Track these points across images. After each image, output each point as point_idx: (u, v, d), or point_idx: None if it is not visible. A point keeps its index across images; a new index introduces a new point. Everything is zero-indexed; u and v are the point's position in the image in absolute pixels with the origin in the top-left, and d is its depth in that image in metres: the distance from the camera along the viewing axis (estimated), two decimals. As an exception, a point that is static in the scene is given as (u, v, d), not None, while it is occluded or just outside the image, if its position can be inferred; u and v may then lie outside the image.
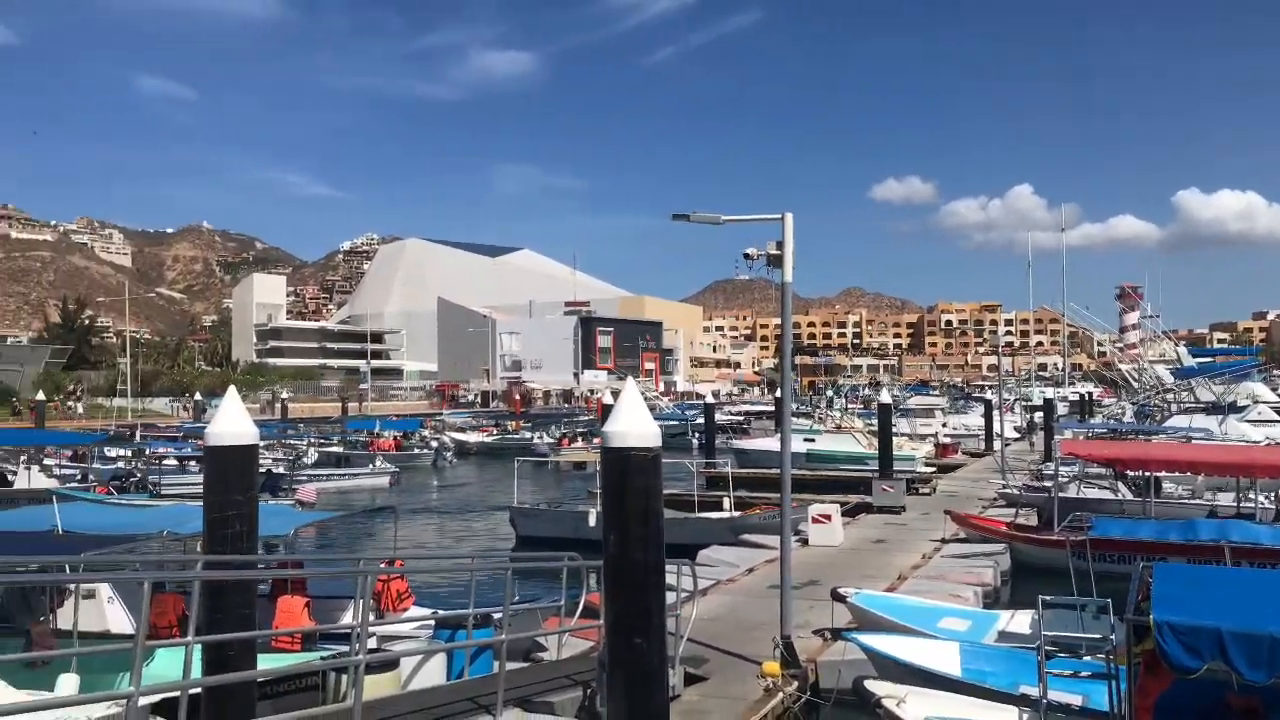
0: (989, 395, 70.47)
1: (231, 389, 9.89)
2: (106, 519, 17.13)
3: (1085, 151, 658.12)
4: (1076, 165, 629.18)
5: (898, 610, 14.45)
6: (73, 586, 13.09)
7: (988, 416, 55.95)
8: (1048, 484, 27.81)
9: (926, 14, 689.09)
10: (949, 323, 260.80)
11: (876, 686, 10.16)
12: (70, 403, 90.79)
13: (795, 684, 13.13)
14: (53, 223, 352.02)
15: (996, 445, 45.24)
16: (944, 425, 60.37)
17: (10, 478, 37.21)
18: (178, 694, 7.58)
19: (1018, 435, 58.80)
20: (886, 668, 11.62)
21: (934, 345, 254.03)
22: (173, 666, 9.06)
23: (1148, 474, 24.98)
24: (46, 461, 38.77)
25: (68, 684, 10.90)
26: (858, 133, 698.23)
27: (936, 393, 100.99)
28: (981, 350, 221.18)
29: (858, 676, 10.70)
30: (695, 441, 48.80)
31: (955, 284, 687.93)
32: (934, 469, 42.76)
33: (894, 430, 39.45)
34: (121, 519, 17.74)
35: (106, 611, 13.72)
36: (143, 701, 6.93)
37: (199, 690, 8.62)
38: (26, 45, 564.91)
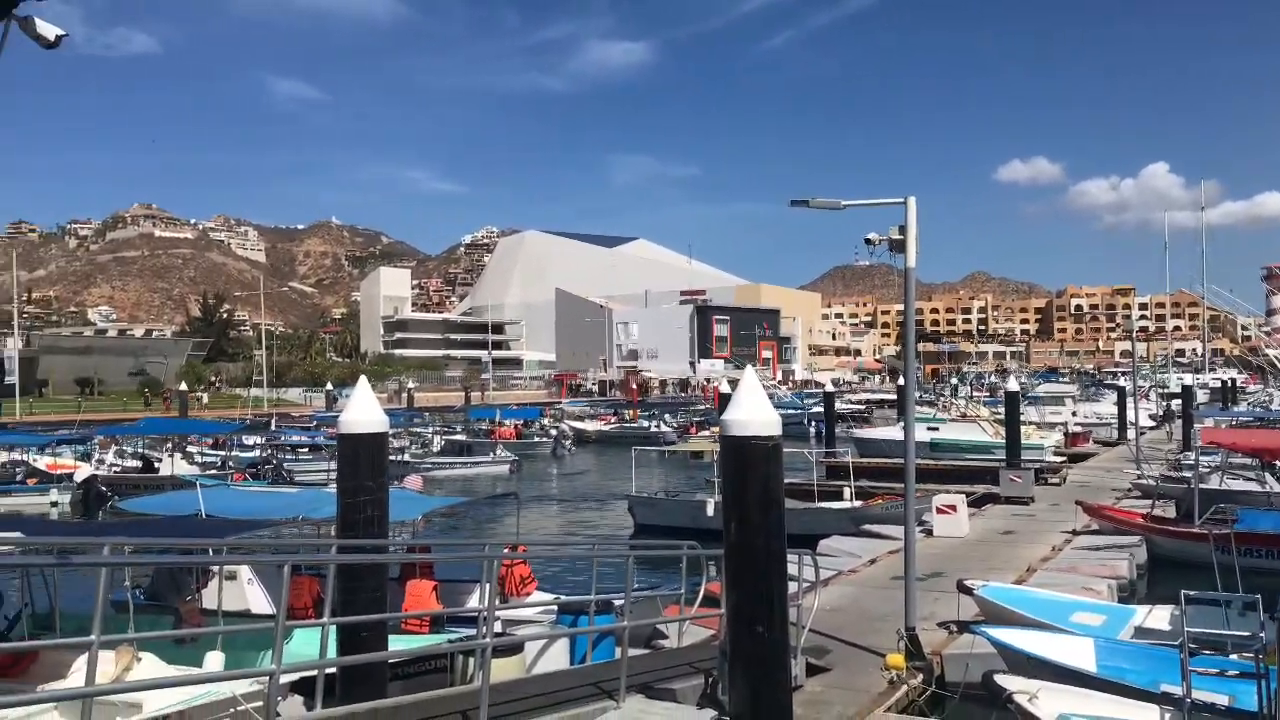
0: (1122, 382, 67.79)
1: (362, 379, 10.19)
2: (245, 504, 17.91)
3: (1226, 126, 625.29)
4: (1217, 141, 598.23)
5: (1028, 603, 14.03)
6: (216, 568, 13.73)
7: (1121, 404, 53.88)
8: (1187, 474, 26.62)
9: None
10: (1079, 307, 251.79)
11: (1008, 681, 9.87)
12: (199, 393, 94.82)
13: (920, 677, 12.89)
14: (192, 221, 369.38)
15: (1130, 434, 43.52)
16: (1074, 413, 58.30)
17: (157, 465, 39.22)
18: (315, 673, 7.88)
19: (1153, 424, 56.50)
20: (1017, 663, 11.28)
21: (1063, 331, 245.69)
22: (309, 645, 9.42)
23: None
24: (189, 449, 40.69)
25: (213, 660, 11.44)
26: (981, 113, 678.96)
27: (1066, 380, 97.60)
28: (1114, 335, 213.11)
29: (987, 671, 10.41)
30: (812, 430, 48.23)
31: (1085, 268, 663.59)
32: (1064, 458, 41.37)
33: (1021, 419, 38.28)
34: (259, 504, 18.53)
35: (247, 592, 14.34)
36: (283, 679, 7.20)
37: (334, 670, 8.96)
38: (168, 52, 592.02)
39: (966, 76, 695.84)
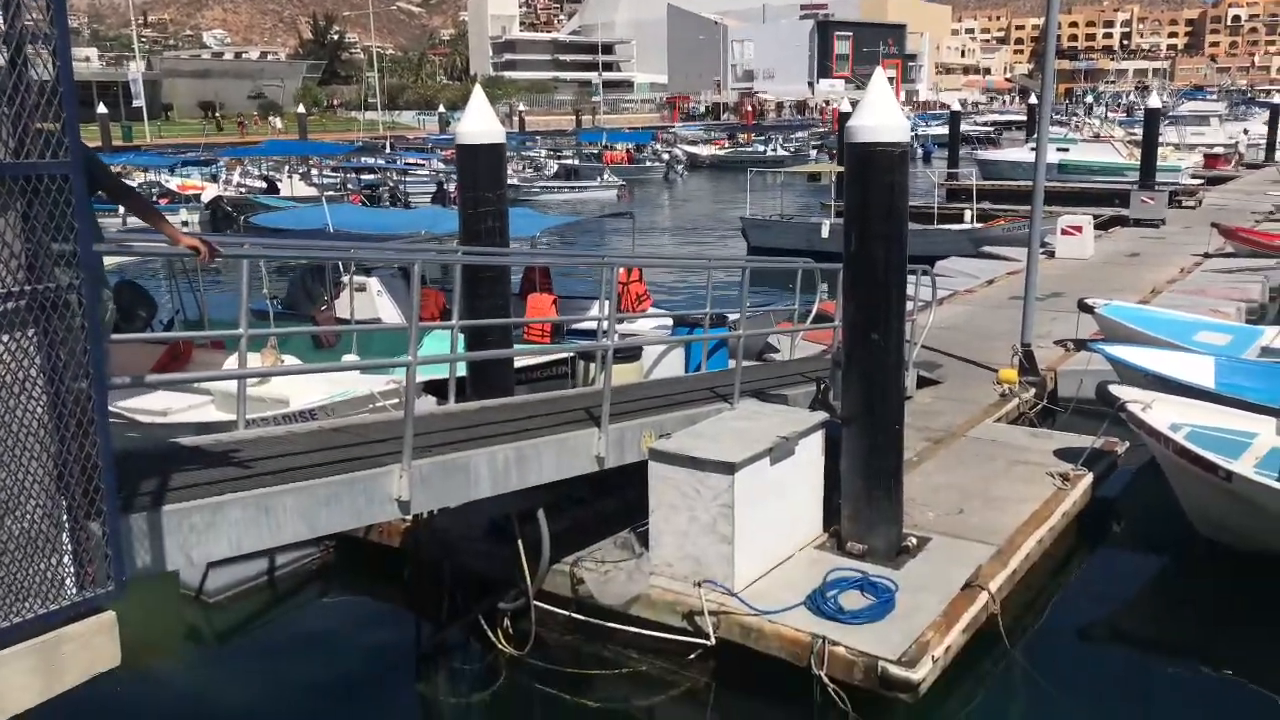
0: (1276, 99, 62.78)
1: (477, 89, 10.11)
2: (369, 220, 18.51)
3: None
4: None
5: (1149, 322, 13.80)
6: (346, 279, 14.39)
7: (1272, 123, 50.10)
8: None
9: None
10: (1236, 18, 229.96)
11: (1122, 391, 9.89)
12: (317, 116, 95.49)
13: (1032, 391, 13.00)
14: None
15: (1278, 155, 40.79)
16: (1222, 135, 54.54)
17: (278, 184, 40.38)
18: (445, 376, 8.35)
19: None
20: (1132, 378, 11.24)
21: (1215, 45, 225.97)
22: (439, 351, 9.93)
23: None
24: (309, 171, 41.66)
25: (350, 363, 12.24)
26: None
27: (1214, 97, 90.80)
28: (1273, 49, 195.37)
29: (1101, 382, 10.42)
30: (920, 152, 46.25)
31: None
32: (1202, 181, 39.26)
33: (1160, 139, 36.09)
34: (383, 220, 19.13)
35: (377, 303, 15.06)
36: (419, 377, 7.66)
37: (463, 374, 9.49)
38: None
39: None
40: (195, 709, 7.23)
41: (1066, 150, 41.28)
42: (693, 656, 7.25)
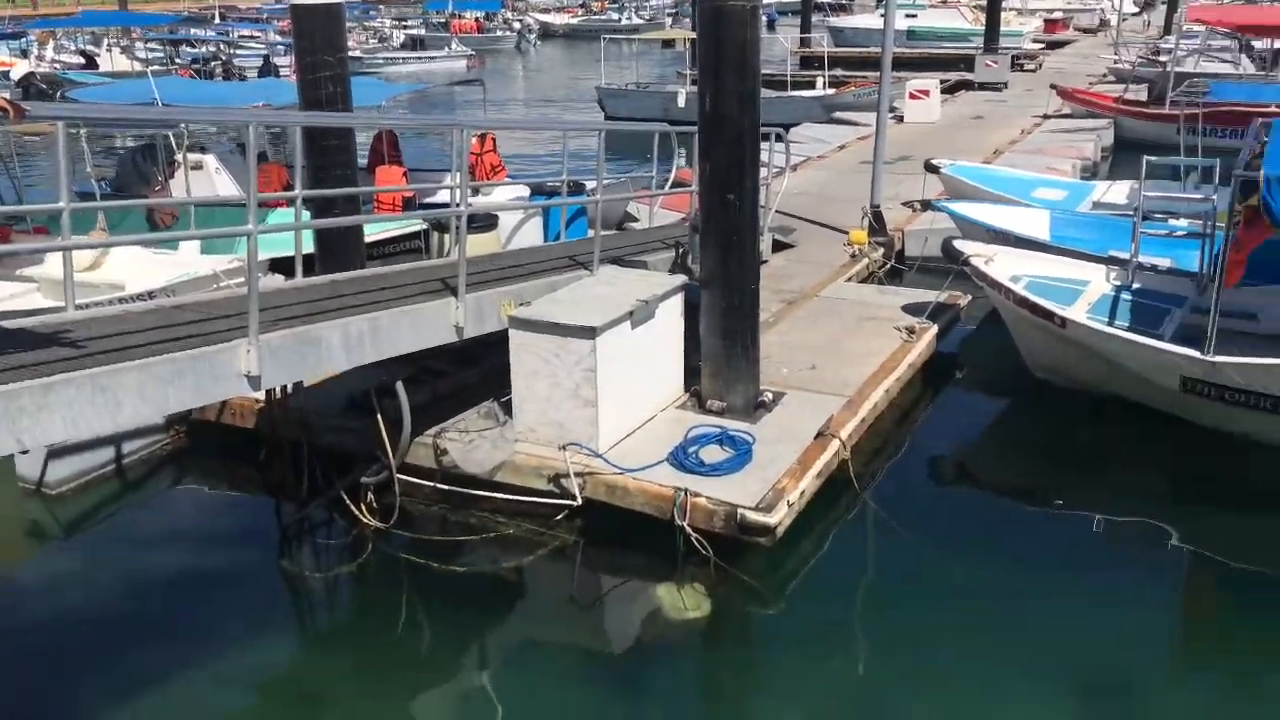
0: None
1: (312, -56, 9.46)
2: (202, 93, 17.38)
3: None
4: None
5: (991, 180, 14.27)
6: (181, 158, 13.58)
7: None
8: (1163, 59, 26.14)
9: None
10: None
11: (965, 246, 10.26)
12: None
13: (881, 251, 13.38)
14: None
15: (1113, 20, 42.18)
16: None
17: (97, 59, 37.50)
18: (291, 253, 8.01)
19: (1136, 10, 54.52)
20: (975, 234, 11.67)
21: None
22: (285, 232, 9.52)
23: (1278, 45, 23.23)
24: (131, 45, 38.74)
25: (189, 245, 11.65)
26: None
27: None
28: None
29: (946, 239, 10.79)
30: (764, 19, 46.01)
31: None
32: (1042, 45, 40.39)
33: (1004, 5, 36.78)
34: (217, 92, 18.01)
35: (215, 181, 14.30)
36: (262, 255, 7.33)
37: (311, 251, 9.14)
38: None
39: None
40: (45, 606, 6.97)
41: (915, 16, 41.75)
42: (560, 517, 7.37)
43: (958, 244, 10.40)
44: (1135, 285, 10.07)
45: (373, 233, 11.97)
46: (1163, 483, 8.61)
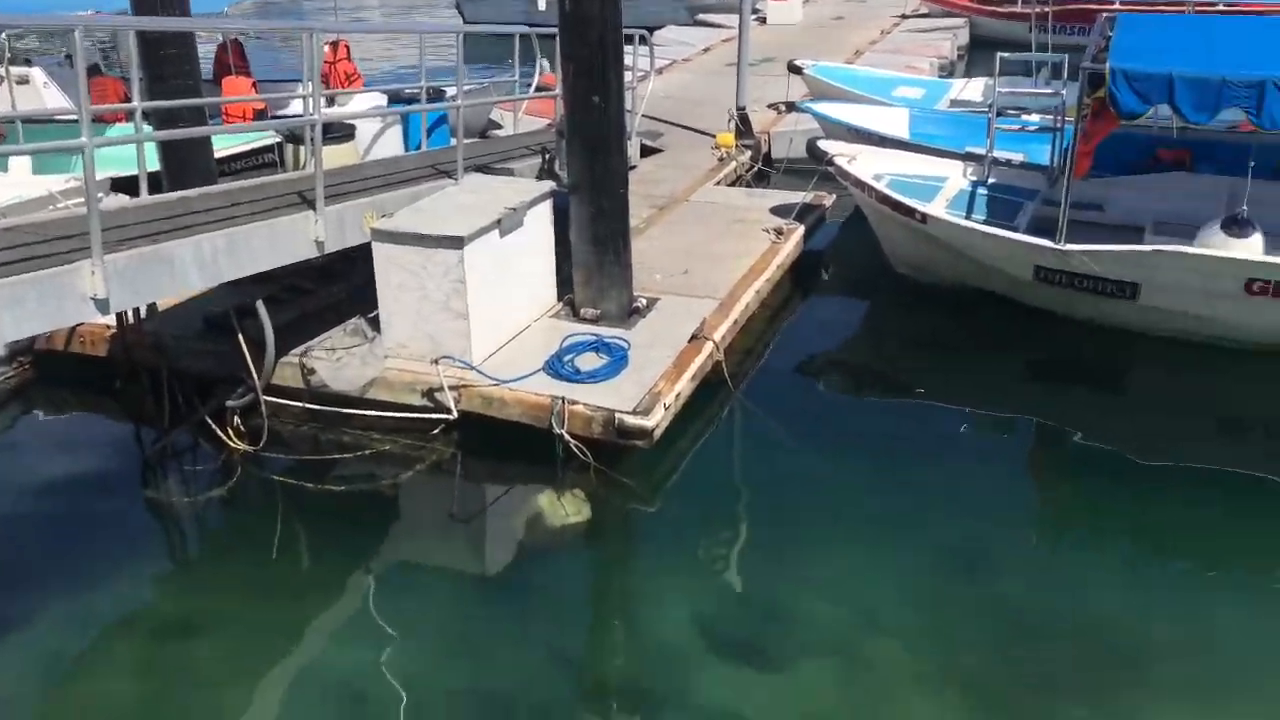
0: None
1: None
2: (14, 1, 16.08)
3: None
4: None
5: (852, 80, 14.43)
6: (4, 70, 12.59)
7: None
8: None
9: None
10: None
11: (829, 146, 10.38)
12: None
13: (748, 154, 13.44)
14: None
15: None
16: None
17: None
18: (135, 172, 7.55)
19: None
20: (838, 134, 11.82)
21: None
22: (126, 149, 8.96)
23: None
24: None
25: (19, 165, 10.90)
26: None
27: None
28: None
29: (810, 139, 10.89)
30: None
31: None
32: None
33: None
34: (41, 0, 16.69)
35: (44, 95, 13.35)
36: (102, 173, 6.89)
37: (156, 170, 8.64)
38: None
39: None
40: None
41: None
42: (436, 432, 7.29)
43: (822, 144, 10.51)
44: (991, 180, 10.38)
45: (222, 147, 11.38)
46: (1018, 369, 9.02)
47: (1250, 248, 8.45)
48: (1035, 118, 11.62)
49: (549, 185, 8.53)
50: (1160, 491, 6.99)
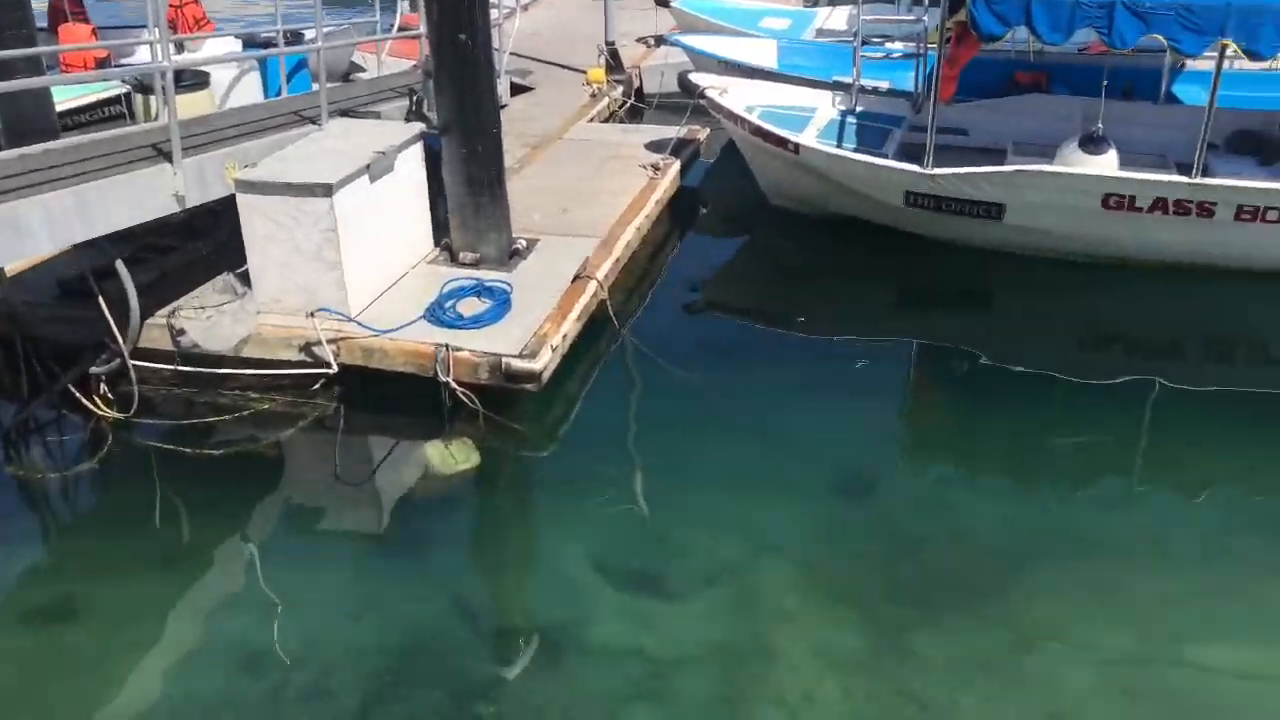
0: None
1: None
2: None
3: None
4: None
5: (720, 12, 14.39)
6: None
7: None
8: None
9: None
10: None
11: (700, 79, 10.36)
12: None
13: (620, 89, 13.33)
14: None
15: None
16: None
17: None
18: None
19: None
20: (708, 66, 11.79)
21: None
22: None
23: None
24: None
25: None
26: None
27: None
28: None
29: (681, 73, 10.85)
30: None
31: None
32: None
33: None
34: None
35: None
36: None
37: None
38: None
39: None
40: None
41: None
42: (317, 387, 7.11)
43: (693, 78, 10.48)
44: (859, 108, 10.53)
45: (64, 99, 10.68)
46: (894, 294, 9.26)
47: (1106, 164, 8.80)
48: (899, 45, 11.81)
49: (418, 127, 8.31)
50: (1030, 403, 7.31)
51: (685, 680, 4.94)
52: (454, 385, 6.80)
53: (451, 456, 6.69)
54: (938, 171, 8.79)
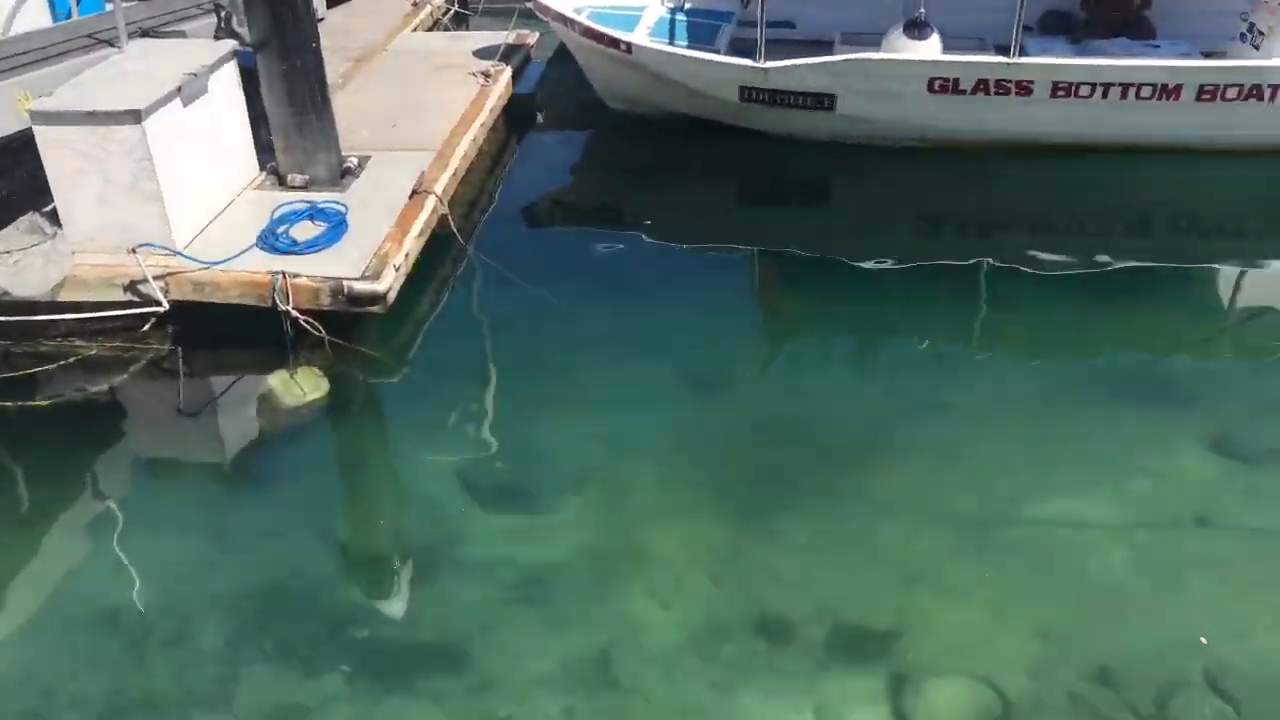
0: None
1: None
2: None
3: None
4: None
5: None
6: None
7: None
8: None
9: None
10: None
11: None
12: None
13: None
14: None
15: None
16: None
17: None
18: None
19: None
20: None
21: None
22: None
23: None
24: None
25: None
26: None
27: None
28: None
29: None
30: None
31: None
32: None
33: None
34: None
35: None
36: None
37: None
38: None
39: None
40: None
41: None
42: (148, 327, 6.74)
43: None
44: (688, 5, 10.43)
45: None
46: (733, 190, 9.35)
47: (929, 49, 9.00)
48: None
49: (231, 45, 7.82)
50: (871, 289, 7.56)
51: (559, 584, 5.00)
52: (295, 313, 6.55)
53: (298, 387, 6.47)
54: (769, 65, 8.83)
